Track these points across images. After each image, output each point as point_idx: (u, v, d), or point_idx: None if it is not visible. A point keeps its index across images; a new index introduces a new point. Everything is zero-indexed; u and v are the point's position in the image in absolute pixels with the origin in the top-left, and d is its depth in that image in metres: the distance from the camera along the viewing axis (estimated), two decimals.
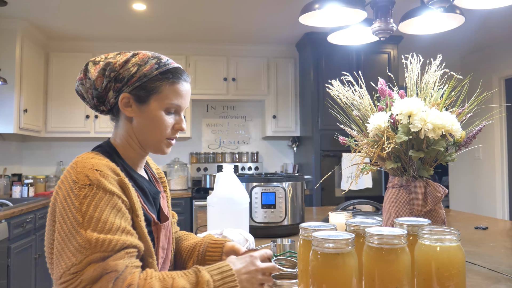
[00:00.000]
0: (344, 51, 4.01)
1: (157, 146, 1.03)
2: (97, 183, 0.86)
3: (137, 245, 0.87)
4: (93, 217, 0.83)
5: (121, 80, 0.97)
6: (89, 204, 0.84)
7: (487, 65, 4.69)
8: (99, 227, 0.82)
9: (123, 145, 1.03)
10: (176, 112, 1.02)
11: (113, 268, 0.80)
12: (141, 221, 0.93)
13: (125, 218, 0.88)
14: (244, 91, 4.51)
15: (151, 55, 1.00)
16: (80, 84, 1.01)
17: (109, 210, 0.85)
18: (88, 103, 1.03)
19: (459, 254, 0.81)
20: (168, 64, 1.01)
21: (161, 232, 1.04)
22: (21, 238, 2.98)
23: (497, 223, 2.14)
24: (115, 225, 0.84)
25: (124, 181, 0.92)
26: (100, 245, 0.81)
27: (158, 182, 1.17)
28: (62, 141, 4.51)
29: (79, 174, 0.87)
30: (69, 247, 0.82)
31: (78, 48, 4.29)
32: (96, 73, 0.98)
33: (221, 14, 3.64)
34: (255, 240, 1.60)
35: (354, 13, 1.60)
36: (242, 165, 4.66)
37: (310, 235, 0.89)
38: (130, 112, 1.00)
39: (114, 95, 0.99)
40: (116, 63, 0.97)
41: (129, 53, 1.00)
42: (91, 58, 1.01)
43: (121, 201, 0.89)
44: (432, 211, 1.13)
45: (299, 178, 1.87)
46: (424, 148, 1.11)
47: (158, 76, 0.98)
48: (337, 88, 1.29)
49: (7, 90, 3.56)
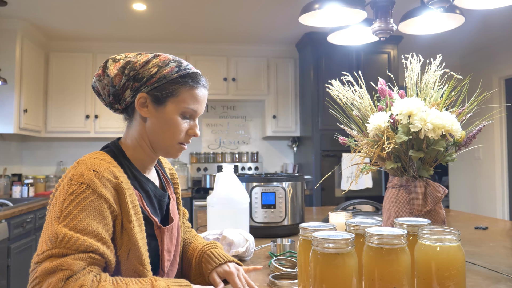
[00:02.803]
0: (344, 51, 4.01)
1: (168, 150, 1.02)
2: (89, 183, 0.86)
3: (104, 254, 0.83)
4: (71, 213, 0.83)
5: (140, 80, 0.97)
6: (73, 201, 0.84)
7: (487, 65, 4.69)
8: (72, 224, 0.82)
9: (134, 146, 1.02)
10: (191, 117, 1.02)
11: (69, 267, 0.78)
12: (134, 227, 0.90)
13: (104, 224, 0.86)
14: (244, 91, 4.51)
15: (172, 58, 1.00)
16: (97, 80, 1.00)
17: (90, 211, 0.84)
18: (103, 100, 1.03)
19: (459, 254, 0.81)
20: (188, 69, 1.01)
21: (165, 235, 1.02)
22: (21, 238, 2.98)
23: (497, 223, 2.14)
24: (90, 227, 0.83)
25: (121, 186, 0.90)
26: (66, 242, 0.79)
27: (169, 183, 1.16)
28: (62, 141, 4.51)
29: (76, 172, 0.88)
30: (43, 237, 0.82)
31: (78, 48, 4.29)
32: (115, 71, 0.97)
33: (221, 14, 3.64)
34: (255, 240, 1.60)
35: (354, 13, 1.60)
36: (242, 165, 4.66)
37: (310, 235, 0.89)
38: (146, 112, 0.99)
39: (131, 94, 0.99)
40: (136, 62, 0.97)
41: (150, 54, 1.00)
42: (111, 56, 1.01)
43: (107, 206, 0.87)
44: (432, 211, 1.13)
45: (299, 178, 1.87)
46: (424, 148, 1.11)
47: (178, 79, 0.98)
48: (337, 88, 1.29)
49: (7, 90, 3.56)
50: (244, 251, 1.35)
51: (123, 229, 0.90)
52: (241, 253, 1.34)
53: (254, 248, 1.43)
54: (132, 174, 0.99)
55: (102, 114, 4.25)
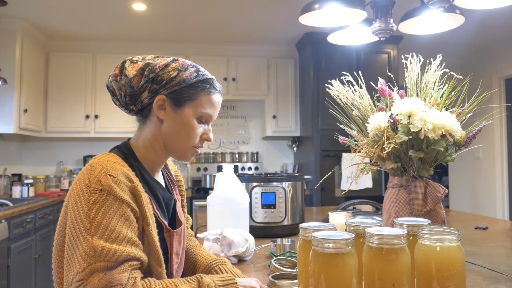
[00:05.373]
0: (344, 51, 4.01)
1: (182, 153, 1.04)
2: (108, 189, 0.86)
3: (140, 257, 0.86)
4: (100, 224, 0.83)
5: (159, 82, 0.98)
6: (98, 210, 0.84)
7: (487, 65, 4.69)
8: (105, 235, 0.82)
9: (146, 147, 1.03)
10: (206, 121, 1.04)
11: (119, 281, 0.80)
12: (152, 229, 0.92)
13: (132, 228, 0.88)
14: (244, 91, 4.51)
15: (190, 64, 1.02)
16: (113, 80, 1.01)
17: (117, 218, 0.85)
18: (118, 101, 1.03)
19: (459, 254, 0.81)
20: (206, 74, 1.03)
21: (174, 238, 1.03)
22: (21, 238, 2.98)
23: (497, 223, 2.14)
24: (122, 234, 0.84)
25: (136, 188, 0.91)
26: (105, 255, 0.81)
27: (174, 185, 1.16)
28: (62, 141, 4.51)
29: (92, 177, 0.87)
30: (77, 253, 0.82)
31: (78, 48, 4.29)
32: (134, 72, 0.98)
33: (221, 14, 3.64)
34: (255, 240, 1.60)
35: (354, 13, 1.60)
36: (242, 165, 4.66)
37: (310, 235, 0.89)
38: (163, 115, 1.00)
39: (148, 96, 0.99)
40: (156, 65, 0.98)
41: (168, 58, 1.01)
42: (128, 57, 1.02)
43: (130, 209, 0.88)
44: (432, 211, 1.13)
45: (299, 178, 1.87)
46: (424, 148, 1.11)
47: (197, 84, 1.00)
48: (337, 88, 1.29)
49: (7, 90, 3.56)
50: (244, 251, 1.35)
51: (144, 231, 0.91)
52: (241, 253, 1.34)
53: (254, 248, 1.43)
54: (142, 176, 1.00)
55: (102, 114, 4.25)
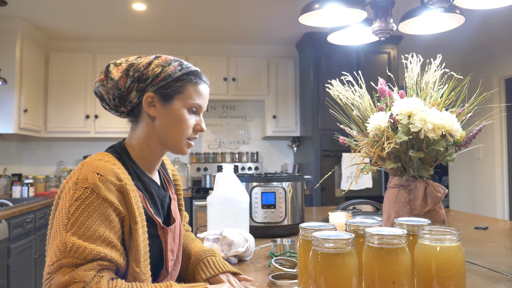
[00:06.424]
0: (344, 51, 4.01)
1: (177, 146, 1.04)
2: (93, 187, 0.86)
3: (113, 258, 0.85)
4: (77, 220, 0.84)
5: (145, 80, 1.00)
6: (78, 207, 0.85)
7: (487, 65, 4.68)
8: (80, 232, 0.83)
9: (141, 145, 1.03)
10: (197, 112, 1.05)
11: (82, 279, 0.80)
12: (139, 228, 0.91)
13: (111, 228, 0.87)
14: (244, 91, 4.51)
15: (173, 58, 1.04)
16: (100, 85, 1.01)
17: (96, 217, 0.85)
18: (108, 105, 1.04)
19: (459, 254, 0.81)
20: (190, 67, 1.05)
21: (168, 235, 1.04)
22: (21, 238, 2.98)
23: (497, 223, 2.14)
24: (97, 233, 0.84)
25: (125, 187, 0.91)
26: (75, 251, 0.81)
27: (170, 184, 1.17)
28: (62, 141, 4.51)
29: (81, 175, 0.88)
30: (53, 246, 0.84)
31: (78, 48, 4.29)
32: (119, 74, 0.99)
33: (221, 14, 3.64)
34: (255, 240, 1.60)
35: (354, 13, 1.60)
36: (242, 165, 4.66)
37: (310, 235, 0.89)
38: (154, 111, 1.01)
39: (137, 95, 1.00)
40: (139, 64, 1.00)
41: (151, 56, 1.03)
42: (111, 61, 1.03)
43: (112, 209, 0.88)
44: (432, 211, 1.13)
45: (299, 178, 1.87)
46: (424, 148, 1.11)
47: (183, 77, 1.02)
48: (337, 88, 1.29)
49: (7, 90, 3.56)
50: (244, 251, 1.35)
51: (131, 230, 0.91)
52: (241, 253, 1.34)
53: (254, 248, 1.43)
54: (136, 175, 1.00)
55: (102, 114, 4.25)
